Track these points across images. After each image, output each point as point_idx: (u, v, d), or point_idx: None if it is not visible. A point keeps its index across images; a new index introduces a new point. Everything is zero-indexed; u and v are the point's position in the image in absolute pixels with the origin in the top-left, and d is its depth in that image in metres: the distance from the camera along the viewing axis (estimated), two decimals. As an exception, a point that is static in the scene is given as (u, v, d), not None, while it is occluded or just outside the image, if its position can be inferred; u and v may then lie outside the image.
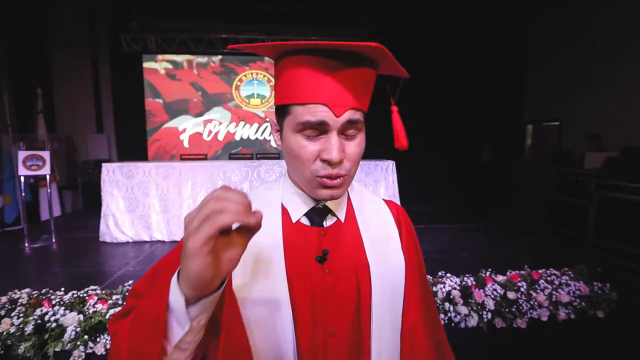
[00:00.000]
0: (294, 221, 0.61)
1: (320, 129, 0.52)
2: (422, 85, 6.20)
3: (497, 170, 6.31)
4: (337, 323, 0.57)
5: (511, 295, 2.03)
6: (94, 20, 5.93)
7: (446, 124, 6.25)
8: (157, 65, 6.17)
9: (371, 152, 6.42)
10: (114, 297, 1.95)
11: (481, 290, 2.07)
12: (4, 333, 1.74)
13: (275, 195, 0.63)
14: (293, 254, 0.58)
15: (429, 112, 6.21)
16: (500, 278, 2.19)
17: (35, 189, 4.66)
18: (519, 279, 2.17)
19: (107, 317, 1.81)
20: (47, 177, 3.69)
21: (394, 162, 4.18)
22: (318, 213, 0.61)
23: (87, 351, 1.76)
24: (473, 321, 1.97)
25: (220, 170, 3.89)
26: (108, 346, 1.77)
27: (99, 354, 1.76)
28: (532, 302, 2.05)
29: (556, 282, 2.19)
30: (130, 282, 2.13)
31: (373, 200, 0.69)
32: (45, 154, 3.53)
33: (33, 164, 3.42)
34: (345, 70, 0.50)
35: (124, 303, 1.91)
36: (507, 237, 3.79)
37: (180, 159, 5.12)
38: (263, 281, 0.55)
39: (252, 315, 0.54)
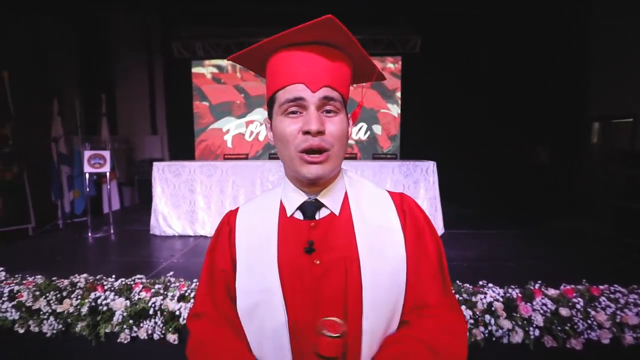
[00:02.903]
0: (288, 215, 0.65)
1: (300, 104, 0.56)
2: (468, 81, 5.88)
3: (555, 172, 5.73)
4: (328, 313, 0.58)
5: (564, 311, 1.81)
6: (149, 31, 6.47)
7: (495, 122, 5.83)
8: (204, 70, 6.56)
9: (411, 153, 6.19)
10: (156, 286, 2.08)
11: (528, 304, 1.88)
12: (65, 312, 1.95)
13: (276, 193, 0.69)
14: (285, 246, 0.62)
15: (476, 110, 5.86)
16: (551, 292, 1.96)
17: (99, 185, 5.20)
18: (574, 294, 1.93)
19: (149, 304, 1.94)
20: (108, 174, 4.09)
21: (435, 163, 3.98)
22: (310, 206, 0.64)
23: (132, 335, 1.91)
24: (518, 337, 1.79)
25: (259, 170, 4.01)
26: (150, 331, 1.90)
27: (141, 338, 1.90)
28: (590, 322, 1.81)
29: (622, 301, 1.91)
30: (172, 272, 2.27)
31: (373, 192, 0.68)
32: (106, 153, 3.92)
33: (96, 162, 3.82)
34: (317, 54, 0.57)
35: (165, 292, 2.05)
36: (563, 246, 3.41)
37: (223, 158, 5.38)
38: (258, 272, 0.61)
39: (249, 303, 0.60)
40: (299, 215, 0.64)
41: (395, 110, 6.53)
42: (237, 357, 0.59)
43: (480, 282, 2.08)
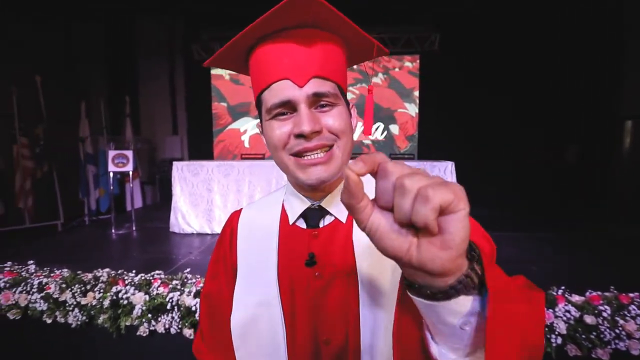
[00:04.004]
0: (290, 223, 0.59)
1: (288, 106, 0.50)
2: (488, 80, 5.71)
3: (583, 173, 5.47)
4: (332, 330, 0.53)
5: (589, 319, 1.72)
6: (170, 34, 6.67)
7: (517, 121, 5.63)
8: (222, 71, 6.68)
9: (430, 153, 6.07)
10: (174, 282, 2.14)
11: (550, 310, 1.80)
12: (88, 304, 2.04)
13: (278, 197, 0.63)
14: (285, 258, 0.57)
15: (497, 109, 5.68)
16: (575, 298, 1.87)
17: (123, 184, 5.41)
18: (601, 302, 1.83)
19: (167, 299, 2.00)
20: (130, 173, 4.24)
21: (453, 163, 3.89)
22: (313, 214, 0.58)
23: (151, 328, 1.97)
24: (538, 344, 1.72)
25: (275, 169, 4.05)
26: (167, 325, 1.96)
27: (159, 331, 1.96)
28: (618, 331, 1.71)
29: (654, 310, 1.79)
30: (189, 269, 2.33)
31: None
32: (129, 153, 4.07)
33: (119, 162, 3.97)
34: (300, 41, 0.49)
35: (182, 288, 2.10)
36: (590, 251, 3.24)
37: (240, 158, 5.46)
38: (257, 283, 0.56)
39: (246, 316, 0.55)
40: (301, 223, 0.59)
41: (412, 109, 6.42)
42: None
43: (499, 286, 2.01)
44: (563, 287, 1.95)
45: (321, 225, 0.58)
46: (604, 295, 1.89)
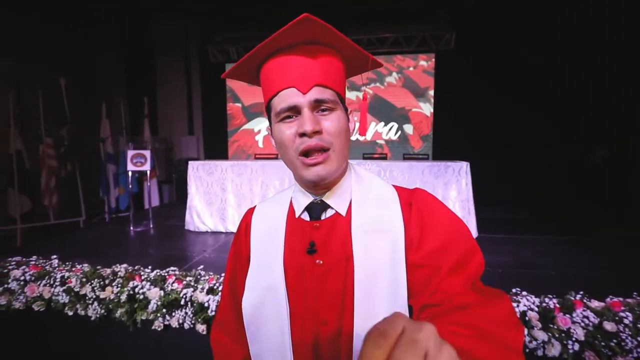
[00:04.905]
0: (296, 216, 0.67)
1: (294, 110, 0.57)
2: (505, 78, 5.57)
3: (610, 175, 5.24)
4: (329, 313, 0.59)
5: (609, 326, 1.66)
6: (187, 36, 6.82)
7: (535, 121, 5.46)
8: (237, 73, 6.78)
9: (445, 153, 5.98)
10: (188, 278, 2.19)
11: (567, 315, 1.74)
12: (107, 298, 2.12)
13: (287, 194, 0.72)
14: (290, 246, 0.64)
15: (515, 109, 5.53)
16: (595, 304, 1.80)
17: (141, 182, 5.57)
18: (622, 308, 1.76)
19: (181, 295, 2.05)
20: (148, 172, 4.37)
21: (469, 164, 3.81)
22: (316, 207, 0.65)
23: (165, 323, 2.03)
24: (554, 350, 1.67)
25: (287, 170, 4.04)
26: (181, 321, 2.01)
27: (173, 326, 2.01)
28: (640, 339, 1.64)
29: (680, 318, 1.71)
30: (202, 266, 2.38)
31: (380, 189, 0.66)
32: (147, 153, 4.19)
33: (138, 161, 4.10)
34: (304, 55, 0.57)
35: (196, 285, 2.15)
36: (614, 255, 3.11)
37: (254, 158, 5.53)
38: (266, 270, 0.64)
39: (254, 298, 0.63)
40: (305, 216, 0.66)
41: (427, 109, 6.33)
42: None
43: (514, 290, 1.96)
44: (581, 293, 1.89)
45: (323, 217, 0.65)
46: (625, 302, 1.82)
